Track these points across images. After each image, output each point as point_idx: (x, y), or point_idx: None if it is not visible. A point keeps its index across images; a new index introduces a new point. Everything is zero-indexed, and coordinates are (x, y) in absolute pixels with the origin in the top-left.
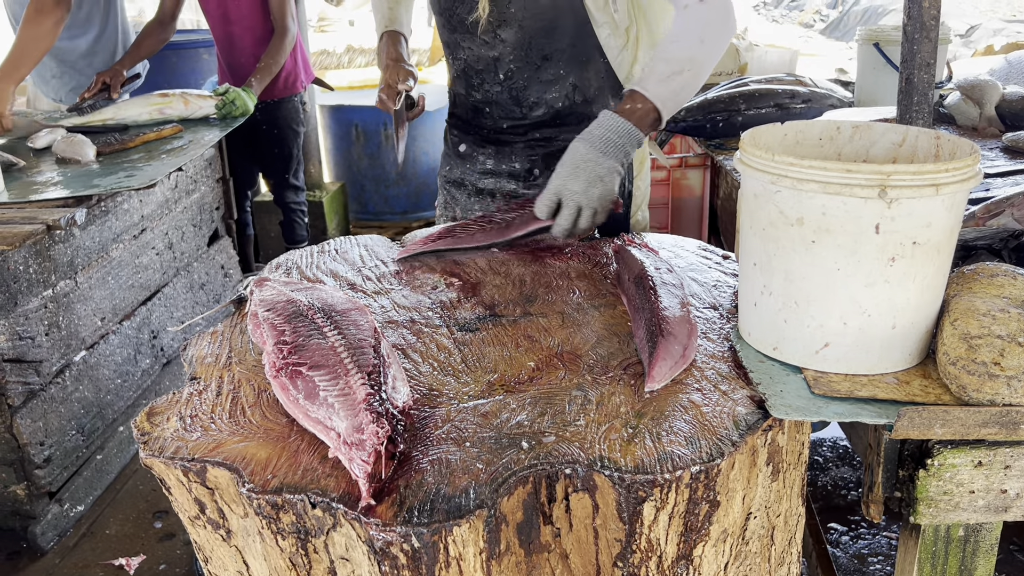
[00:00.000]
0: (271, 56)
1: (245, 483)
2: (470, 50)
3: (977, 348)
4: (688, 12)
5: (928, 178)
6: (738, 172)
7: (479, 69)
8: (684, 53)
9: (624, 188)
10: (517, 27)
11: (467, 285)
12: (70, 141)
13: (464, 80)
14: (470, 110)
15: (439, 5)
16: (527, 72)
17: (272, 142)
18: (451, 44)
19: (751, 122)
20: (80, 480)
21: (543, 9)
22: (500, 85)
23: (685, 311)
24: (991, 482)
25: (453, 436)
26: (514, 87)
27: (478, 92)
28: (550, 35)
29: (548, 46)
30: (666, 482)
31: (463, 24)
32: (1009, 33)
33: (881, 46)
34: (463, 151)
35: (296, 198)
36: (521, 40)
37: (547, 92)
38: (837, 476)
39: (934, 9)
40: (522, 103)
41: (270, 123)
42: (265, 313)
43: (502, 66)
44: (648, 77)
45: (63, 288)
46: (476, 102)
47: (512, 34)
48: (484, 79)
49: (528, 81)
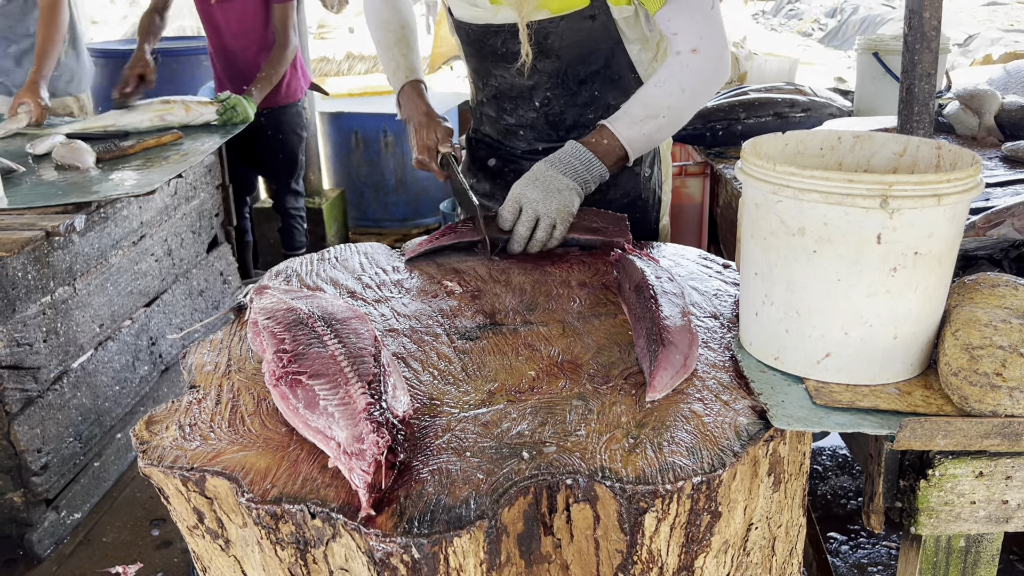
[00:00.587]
0: (272, 66)
1: (244, 493)
2: (503, 78)
3: (979, 359)
4: (679, 59)
5: (930, 188)
6: (739, 181)
7: (513, 96)
8: (664, 100)
9: (655, 195)
10: (555, 58)
11: (467, 293)
12: (69, 147)
13: (495, 104)
14: (501, 131)
15: (468, 36)
16: (564, 98)
17: (277, 148)
18: (481, 71)
19: (751, 131)
20: (77, 487)
21: (580, 38)
22: (536, 111)
23: (686, 320)
24: (992, 493)
25: (453, 446)
26: (550, 112)
27: (511, 116)
28: (586, 60)
29: (584, 70)
30: (668, 493)
31: (495, 54)
32: (1007, 42)
33: (880, 55)
34: (493, 166)
35: (296, 204)
36: (559, 69)
37: (583, 115)
38: (836, 485)
39: (935, 20)
40: (559, 127)
41: (274, 129)
42: (265, 321)
43: (538, 94)
44: (621, 117)
45: (61, 294)
46: (509, 125)
47: (550, 64)
48: (518, 105)
49: (564, 106)
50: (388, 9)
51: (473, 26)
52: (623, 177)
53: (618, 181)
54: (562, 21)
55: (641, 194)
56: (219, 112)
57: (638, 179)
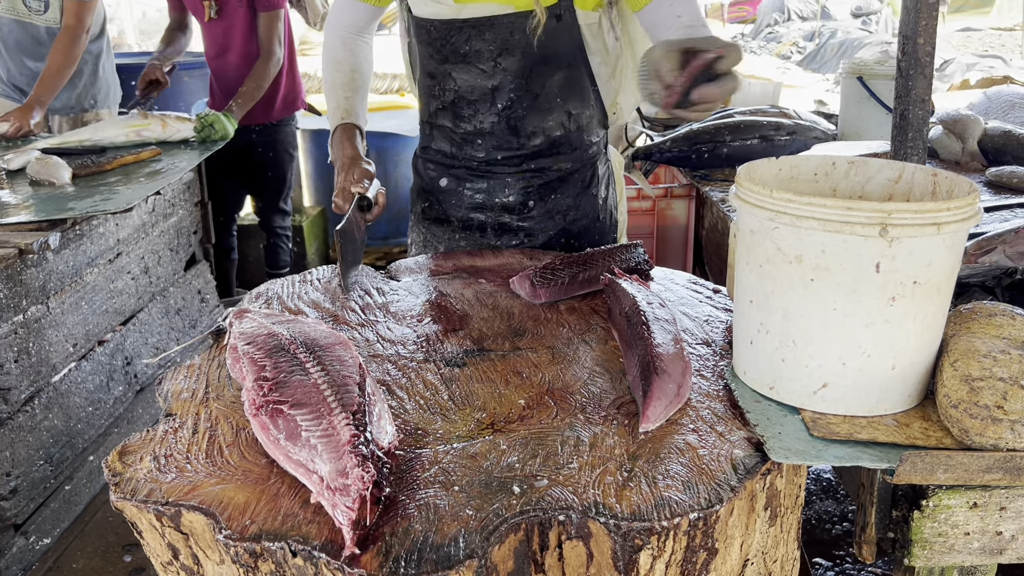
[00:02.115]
0: (254, 80)
1: (222, 529)
2: (464, 80)
3: (979, 391)
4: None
5: (930, 216)
6: (727, 205)
7: (473, 100)
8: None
9: (612, 217)
10: (520, 55)
11: (453, 317)
12: (44, 163)
13: (451, 112)
14: (456, 142)
15: (428, 34)
16: (526, 101)
17: (268, 165)
18: (439, 75)
19: (736, 153)
20: (47, 512)
21: (545, 36)
22: (497, 115)
23: (678, 348)
24: (986, 524)
25: (441, 479)
26: (512, 116)
27: (469, 123)
28: (549, 62)
29: (546, 73)
30: (663, 530)
31: (457, 53)
32: (983, 68)
33: (865, 80)
34: (444, 186)
35: (283, 223)
36: (523, 68)
37: (545, 121)
38: (821, 510)
39: (929, 46)
40: (520, 133)
41: (267, 146)
42: (245, 347)
43: (501, 96)
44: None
45: (34, 313)
46: (466, 134)
47: (514, 63)
48: (478, 109)
49: (527, 110)
50: (344, 51)
51: (435, 23)
52: (583, 200)
53: (579, 204)
54: (528, 17)
55: (599, 215)
56: (196, 129)
57: (595, 200)
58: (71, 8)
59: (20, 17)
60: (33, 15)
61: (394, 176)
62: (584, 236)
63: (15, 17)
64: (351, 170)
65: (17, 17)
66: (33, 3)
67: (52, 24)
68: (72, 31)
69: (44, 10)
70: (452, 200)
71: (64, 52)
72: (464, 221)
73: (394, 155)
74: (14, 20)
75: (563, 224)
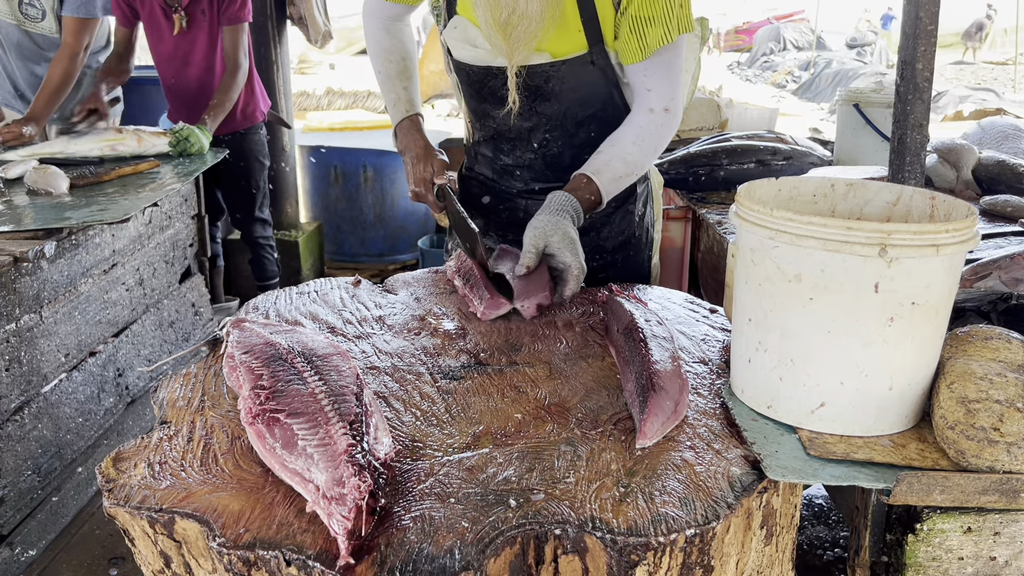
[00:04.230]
0: (223, 93)
1: (216, 537)
2: (502, 120)
3: (976, 412)
4: (653, 117)
5: (929, 238)
6: (724, 227)
7: (511, 138)
8: (641, 159)
9: (648, 234)
10: (555, 100)
11: (451, 331)
12: (42, 172)
13: (492, 144)
14: (498, 171)
15: (468, 77)
16: (562, 139)
17: (239, 175)
18: (479, 112)
19: (733, 177)
20: (33, 523)
21: (580, 82)
22: (534, 153)
23: (676, 365)
24: (980, 548)
25: (437, 491)
26: (548, 154)
27: (508, 157)
28: (585, 103)
29: (582, 113)
30: (660, 545)
31: (494, 96)
32: (975, 100)
33: (861, 107)
34: (487, 203)
35: (264, 233)
36: (558, 112)
37: (580, 155)
38: (813, 535)
39: (927, 71)
40: (556, 167)
41: (236, 155)
42: (242, 356)
43: (537, 135)
44: (604, 171)
45: (27, 322)
46: (506, 165)
47: (549, 107)
48: (516, 146)
49: (562, 147)
50: (390, 38)
51: (474, 68)
52: (617, 216)
53: (612, 220)
54: (563, 66)
55: (635, 232)
56: (172, 143)
57: (632, 218)
58: (70, 26)
59: (19, 23)
60: (30, 22)
61: (390, 194)
62: (619, 252)
63: (15, 22)
64: (428, 161)
65: (17, 23)
66: (30, 10)
67: (48, 32)
68: (70, 48)
69: (41, 18)
70: (492, 216)
71: (61, 69)
72: (503, 236)
73: (390, 173)
74: (14, 24)
75: (597, 241)
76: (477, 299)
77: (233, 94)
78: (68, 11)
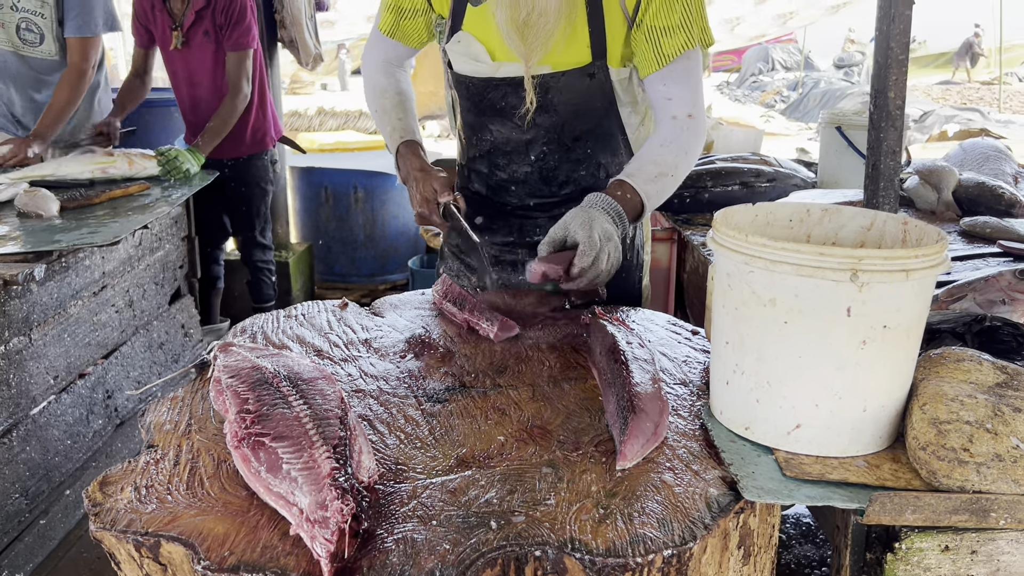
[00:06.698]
0: (220, 117)
1: (201, 560)
2: (500, 133)
3: (946, 433)
4: (676, 123)
5: (899, 263)
6: (707, 249)
7: (508, 151)
8: (672, 159)
9: (639, 256)
10: (553, 112)
11: (436, 354)
12: (33, 195)
13: (487, 160)
14: (492, 188)
15: (468, 90)
16: (558, 153)
17: (240, 200)
18: (476, 126)
19: (717, 199)
20: (21, 546)
21: (579, 94)
22: (530, 166)
23: (657, 387)
24: (958, 567)
25: (419, 514)
26: (544, 167)
27: (503, 172)
28: (582, 117)
29: (579, 127)
30: (638, 566)
31: (494, 108)
32: (961, 120)
33: (844, 130)
34: (480, 223)
35: (264, 257)
36: (556, 124)
37: (576, 171)
38: (800, 554)
39: (899, 99)
40: (552, 182)
41: (238, 181)
42: (228, 380)
43: (534, 148)
44: (636, 174)
45: (16, 345)
46: (501, 181)
47: (548, 119)
48: (512, 159)
49: (559, 161)
50: (387, 78)
51: (474, 80)
52: None
53: None
54: (563, 77)
55: (626, 255)
56: (160, 164)
57: (623, 240)
58: (76, 46)
59: (16, 50)
60: (28, 47)
61: (381, 215)
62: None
63: (11, 49)
64: (428, 182)
65: (13, 49)
66: (27, 35)
67: (47, 56)
68: (78, 67)
69: (39, 42)
70: (486, 237)
71: (69, 89)
72: (498, 258)
73: (381, 194)
74: (11, 52)
75: None
76: (486, 322)
77: (231, 118)
78: (70, 32)
